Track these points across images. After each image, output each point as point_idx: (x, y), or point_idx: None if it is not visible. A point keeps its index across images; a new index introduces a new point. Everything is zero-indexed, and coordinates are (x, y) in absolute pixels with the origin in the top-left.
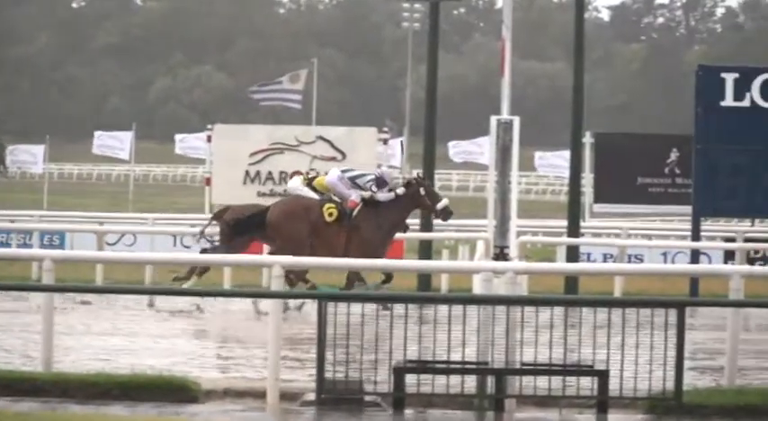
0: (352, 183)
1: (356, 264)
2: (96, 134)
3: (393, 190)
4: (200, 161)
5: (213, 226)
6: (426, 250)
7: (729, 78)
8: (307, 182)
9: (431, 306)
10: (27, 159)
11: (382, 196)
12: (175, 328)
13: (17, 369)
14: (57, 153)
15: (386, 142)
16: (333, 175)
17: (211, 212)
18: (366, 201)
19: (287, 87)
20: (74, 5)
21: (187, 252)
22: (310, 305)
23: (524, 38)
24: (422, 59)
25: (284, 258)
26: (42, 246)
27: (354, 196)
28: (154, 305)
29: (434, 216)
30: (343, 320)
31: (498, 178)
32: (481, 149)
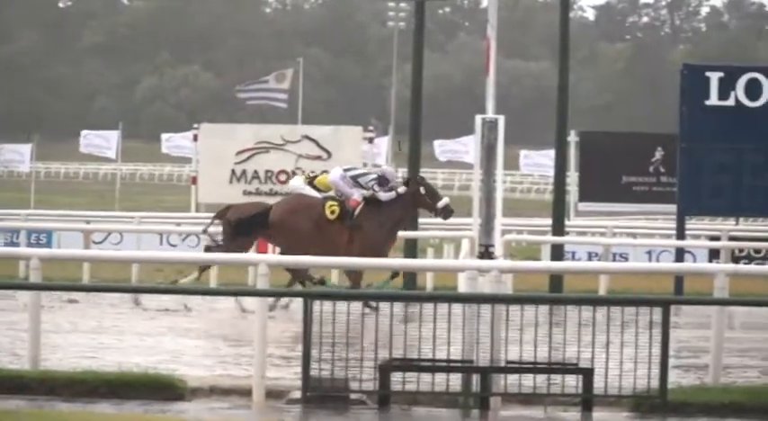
0: (354, 181)
1: (343, 263)
2: (83, 133)
3: (394, 189)
4: (186, 160)
5: (216, 225)
6: (411, 248)
7: (714, 77)
8: (308, 180)
9: (416, 304)
10: (14, 158)
11: (384, 195)
12: (162, 326)
13: (4, 367)
14: (44, 152)
15: (371, 141)
16: (335, 174)
17: (197, 211)
18: (368, 199)
19: (273, 86)
20: (60, 5)
21: (173, 250)
22: (297, 303)
23: (509, 37)
24: (407, 58)
25: (270, 257)
26: (29, 245)
27: (357, 195)
28: (140, 303)
29: (435, 214)
30: (328, 318)
31: (483, 177)
32: (466, 148)
